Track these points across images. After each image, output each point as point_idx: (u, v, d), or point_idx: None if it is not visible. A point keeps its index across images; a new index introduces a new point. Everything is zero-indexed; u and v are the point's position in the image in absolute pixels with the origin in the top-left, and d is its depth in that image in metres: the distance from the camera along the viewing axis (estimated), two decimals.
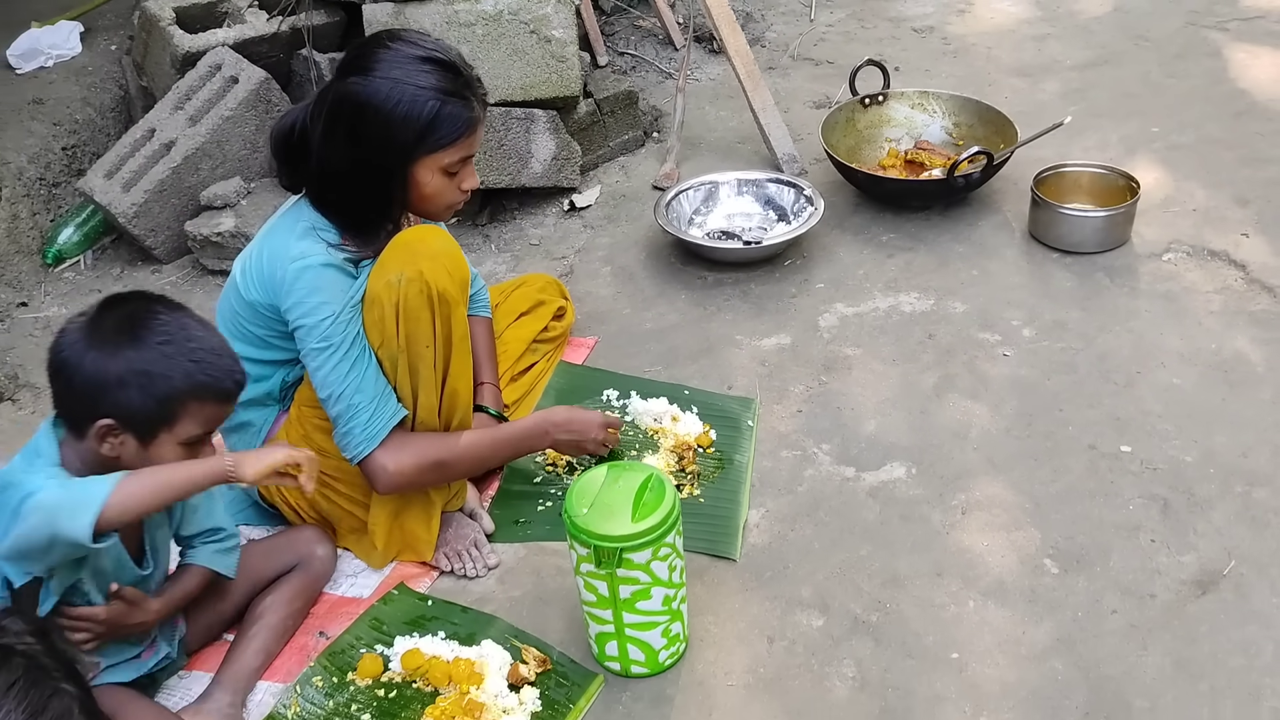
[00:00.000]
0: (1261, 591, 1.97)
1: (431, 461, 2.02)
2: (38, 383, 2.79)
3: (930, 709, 1.82)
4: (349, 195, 1.93)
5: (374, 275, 1.94)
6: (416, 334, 1.95)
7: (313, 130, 1.90)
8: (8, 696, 1.17)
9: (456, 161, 1.94)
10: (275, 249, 1.94)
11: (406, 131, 1.87)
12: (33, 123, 3.36)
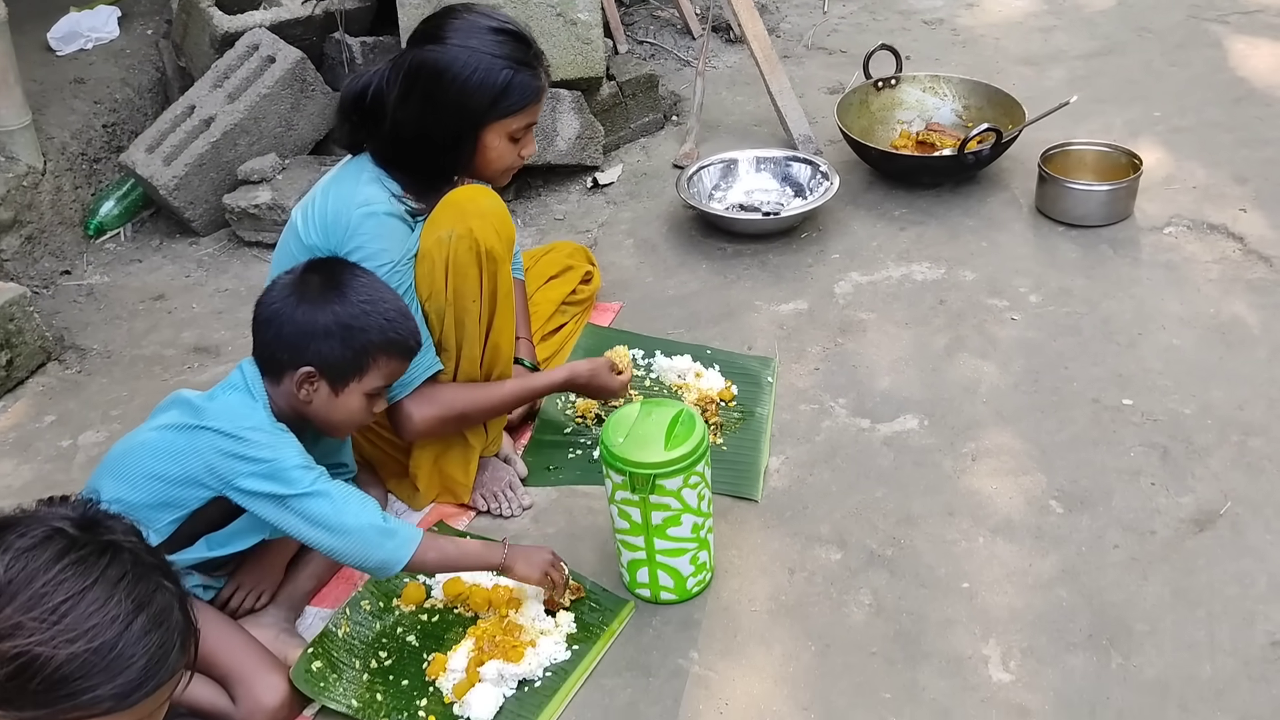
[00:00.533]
0: (1256, 529, 2.08)
1: (456, 414, 2.12)
2: (82, 344, 2.91)
3: (942, 631, 1.93)
4: (419, 155, 2.04)
5: (426, 231, 2.06)
6: (464, 289, 2.07)
7: (388, 93, 2.00)
8: (118, 588, 1.28)
9: (521, 128, 2.07)
10: (341, 195, 2.04)
11: (480, 97, 1.98)
12: (74, 101, 3.49)
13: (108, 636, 1.24)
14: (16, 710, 1.24)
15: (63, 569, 1.25)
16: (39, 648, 1.22)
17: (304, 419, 1.90)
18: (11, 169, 3.15)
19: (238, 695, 1.80)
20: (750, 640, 1.94)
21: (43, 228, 3.21)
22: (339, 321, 1.82)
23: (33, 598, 1.22)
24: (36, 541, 1.26)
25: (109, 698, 1.24)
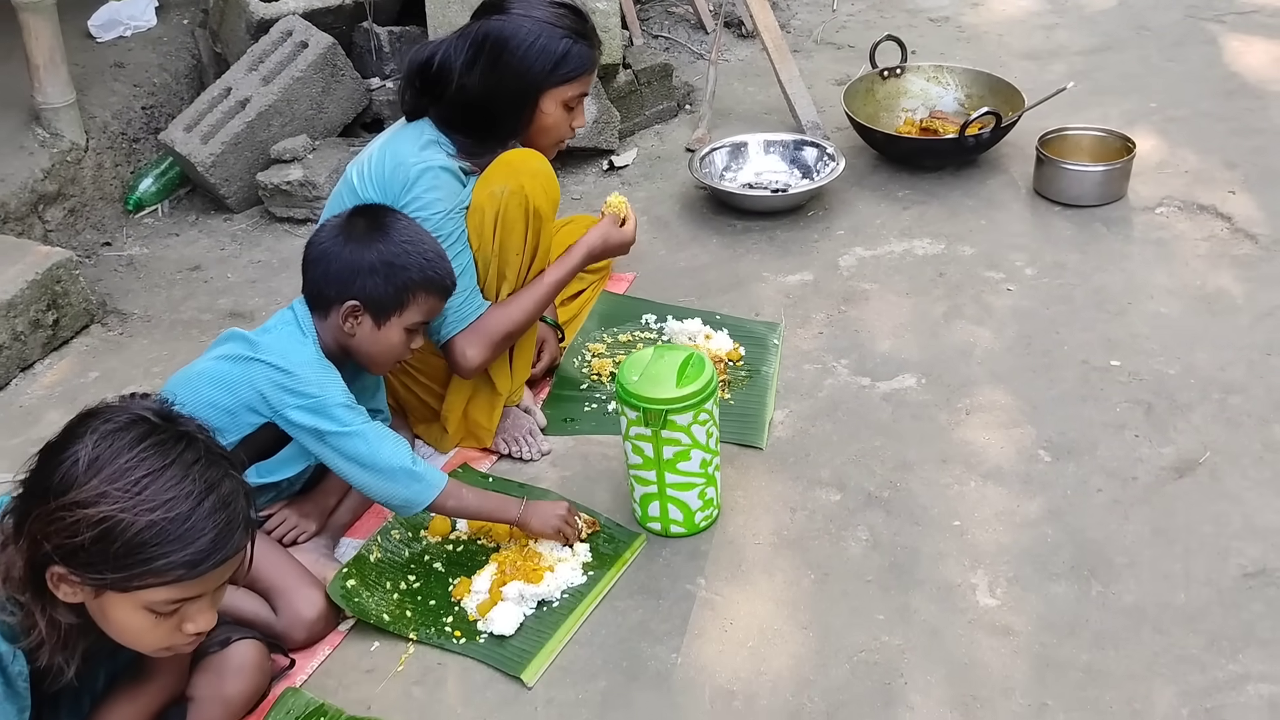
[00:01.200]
0: (1234, 477, 2.21)
1: (502, 335, 2.26)
2: (124, 309, 3.06)
3: (933, 563, 2.06)
4: (481, 118, 2.20)
5: (479, 186, 2.21)
6: (510, 242, 2.22)
7: (455, 60, 2.17)
8: (192, 469, 1.43)
9: (575, 96, 2.24)
10: (398, 154, 2.20)
11: (541, 63, 2.16)
12: (114, 84, 3.65)
13: (182, 509, 1.39)
14: (97, 574, 1.39)
15: (144, 449, 1.40)
16: (122, 514, 1.37)
17: (347, 355, 2.04)
18: (56, 145, 3.31)
19: (279, 607, 1.95)
20: (754, 569, 2.08)
21: (85, 202, 3.37)
22: (382, 259, 1.97)
23: (117, 472, 1.38)
24: (121, 425, 1.41)
25: (180, 565, 1.39)
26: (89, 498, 1.37)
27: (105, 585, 1.42)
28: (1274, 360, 2.50)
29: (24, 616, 1.47)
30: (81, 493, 1.38)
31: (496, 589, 2.01)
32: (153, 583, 1.40)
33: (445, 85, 2.20)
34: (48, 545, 1.40)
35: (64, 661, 1.53)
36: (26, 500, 1.43)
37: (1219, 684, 1.81)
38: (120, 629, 1.49)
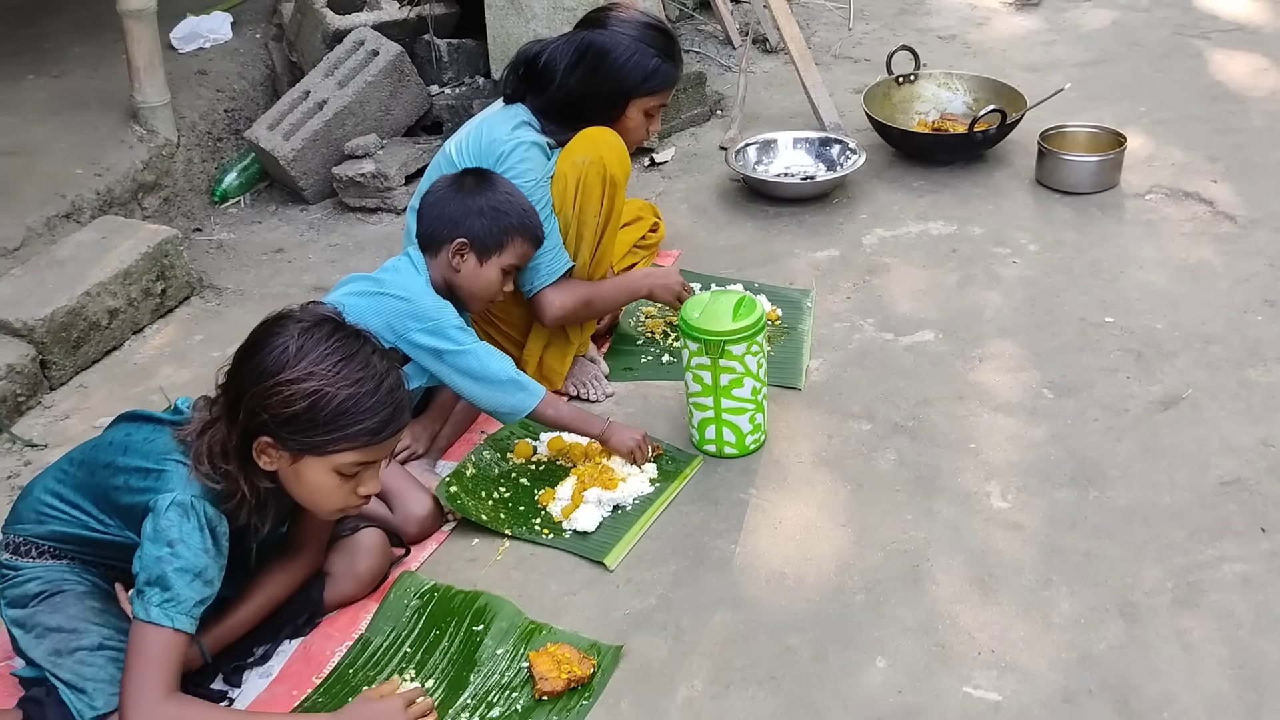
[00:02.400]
0: (1212, 408, 2.54)
1: (583, 299, 2.61)
2: (218, 284, 3.40)
3: (952, 476, 2.39)
4: (573, 113, 2.56)
5: (563, 157, 2.56)
6: (588, 205, 2.56)
7: (559, 61, 2.53)
8: (372, 358, 1.78)
9: (656, 106, 2.62)
10: (494, 131, 2.56)
11: (634, 75, 2.54)
12: (199, 89, 4.02)
13: (369, 387, 1.75)
14: (304, 438, 1.74)
15: (335, 341, 1.76)
16: (327, 388, 1.72)
17: (451, 292, 2.38)
18: (153, 140, 3.67)
19: (395, 506, 2.27)
20: (798, 482, 2.40)
21: (177, 192, 3.72)
22: (489, 204, 2.33)
23: (319, 356, 1.73)
24: (314, 323, 1.77)
25: (368, 431, 1.75)
26: (300, 376, 1.72)
27: (307, 450, 1.77)
28: (1249, 316, 2.84)
29: (227, 485, 1.81)
30: (294, 373, 1.73)
31: (578, 494, 2.34)
32: (345, 447, 1.75)
33: (548, 81, 2.56)
34: (264, 415, 1.74)
35: (258, 522, 1.87)
36: (240, 383, 1.77)
37: (1199, 564, 2.13)
38: (311, 490, 1.82)
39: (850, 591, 2.12)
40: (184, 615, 1.76)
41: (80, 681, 1.81)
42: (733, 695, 1.92)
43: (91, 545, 1.94)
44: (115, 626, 1.89)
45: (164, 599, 1.75)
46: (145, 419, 1.97)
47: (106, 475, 1.89)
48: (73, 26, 4.53)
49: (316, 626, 2.11)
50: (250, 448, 1.80)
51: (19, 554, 1.95)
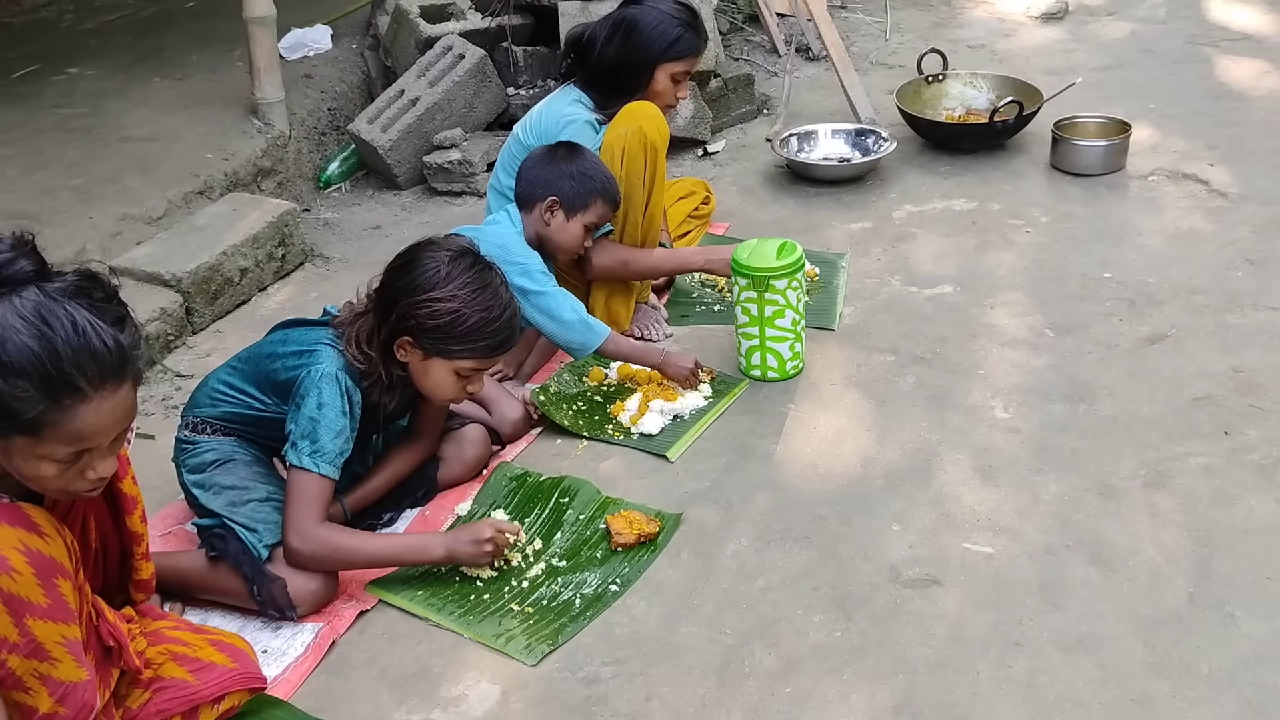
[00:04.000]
0: (1192, 344, 2.94)
1: (621, 260, 3.05)
2: (327, 254, 3.89)
3: (963, 395, 2.80)
4: (611, 79, 3.04)
5: (609, 131, 3.03)
6: (634, 170, 3.02)
7: (599, 35, 3.02)
8: (500, 289, 2.25)
9: (681, 72, 3.07)
10: (553, 110, 3.04)
11: (659, 42, 3.00)
12: (306, 90, 4.55)
13: (496, 313, 2.22)
14: (439, 343, 2.21)
15: (474, 270, 2.23)
16: (465, 309, 2.19)
17: (541, 243, 2.85)
18: (269, 132, 4.19)
19: (493, 410, 2.73)
20: (830, 399, 2.83)
21: (288, 177, 4.24)
22: (578, 170, 2.80)
23: (462, 283, 2.21)
24: (458, 253, 2.25)
25: (488, 348, 2.24)
26: (445, 297, 2.19)
27: (438, 353, 2.24)
28: (1231, 272, 3.23)
29: (368, 366, 2.28)
30: (440, 293, 2.20)
31: (644, 405, 2.78)
32: (468, 355, 2.23)
33: (590, 53, 3.04)
34: (411, 322, 2.22)
35: (386, 401, 2.34)
36: (394, 293, 2.24)
37: (1168, 458, 2.53)
38: (433, 382, 2.29)
39: (872, 478, 2.54)
40: (328, 464, 2.22)
41: (253, 524, 2.27)
42: (772, 550, 2.35)
43: (254, 424, 2.41)
44: (277, 485, 2.36)
45: (312, 450, 2.22)
46: (299, 322, 2.45)
47: (268, 362, 2.37)
48: (187, 38, 5.09)
49: (431, 500, 2.57)
50: (392, 343, 2.27)
51: (197, 431, 2.42)
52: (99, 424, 1.58)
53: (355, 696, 2.07)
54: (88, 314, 1.57)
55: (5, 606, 1.58)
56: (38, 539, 1.62)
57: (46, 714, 1.67)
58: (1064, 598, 2.17)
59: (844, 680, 2.03)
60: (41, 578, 1.61)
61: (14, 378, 1.51)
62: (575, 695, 2.04)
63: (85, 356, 1.55)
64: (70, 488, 1.64)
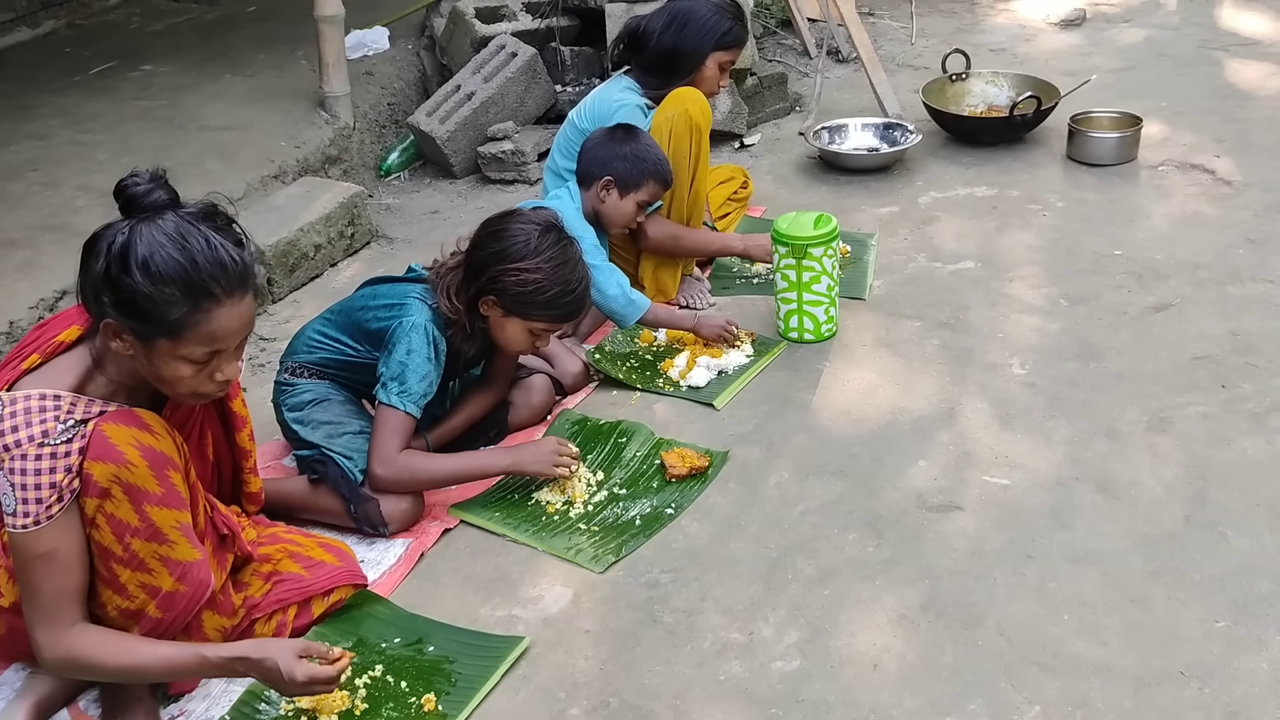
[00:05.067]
0: (1195, 312, 3.19)
1: (672, 235, 3.34)
2: (390, 235, 4.19)
3: (983, 354, 3.07)
4: (666, 66, 3.33)
5: (657, 114, 3.31)
6: (681, 150, 3.30)
7: (655, 26, 3.32)
8: (579, 263, 2.54)
9: (727, 61, 3.37)
10: (606, 95, 3.33)
11: (712, 32, 3.30)
12: (367, 86, 4.86)
13: (572, 285, 2.52)
14: (519, 306, 2.50)
15: (557, 244, 2.52)
16: (545, 280, 2.49)
17: (597, 217, 3.13)
18: (335, 123, 4.50)
19: (555, 364, 3.01)
20: (862, 357, 3.10)
21: (352, 166, 4.55)
22: (632, 152, 3.08)
23: (545, 257, 2.50)
24: (547, 227, 2.53)
25: (561, 315, 2.55)
26: (532, 267, 2.48)
27: (516, 314, 2.52)
28: (1233, 250, 3.49)
29: (454, 317, 2.56)
30: (528, 264, 2.49)
31: (691, 361, 3.06)
32: (542, 319, 2.52)
33: (647, 43, 3.34)
34: (498, 284, 2.50)
35: (466, 350, 2.62)
36: (485, 257, 2.52)
37: (1169, 407, 2.79)
38: (508, 336, 2.58)
39: (900, 424, 2.81)
40: (413, 403, 2.51)
41: (349, 453, 2.56)
42: (810, 481, 2.62)
43: (346, 368, 2.70)
44: (367, 421, 2.65)
45: (400, 390, 2.50)
46: (387, 279, 2.74)
47: (360, 314, 2.66)
48: (251, 39, 5.42)
49: (502, 440, 2.85)
50: (478, 299, 2.55)
51: (295, 375, 2.71)
52: (228, 327, 1.86)
53: (444, 597, 2.35)
54: (215, 234, 1.85)
55: (126, 495, 1.86)
56: (149, 436, 1.90)
57: (170, 592, 1.95)
58: (1072, 520, 2.43)
59: (876, 585, 2.29)
60: (155, 469, 1.89)
61: (162, 285, 1.79)
62: (639, 596, 2.31)
63: (218, 267, 1.83)
64: (201, 389, 1.91)
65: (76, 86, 4.87)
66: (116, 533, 1.87)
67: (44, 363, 1.90)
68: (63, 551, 1.83)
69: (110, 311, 1.80)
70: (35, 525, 1.79)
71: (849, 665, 2.11)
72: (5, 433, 1.79)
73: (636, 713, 2.04)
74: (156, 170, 1.90)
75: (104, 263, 1.78)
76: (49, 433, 1.80)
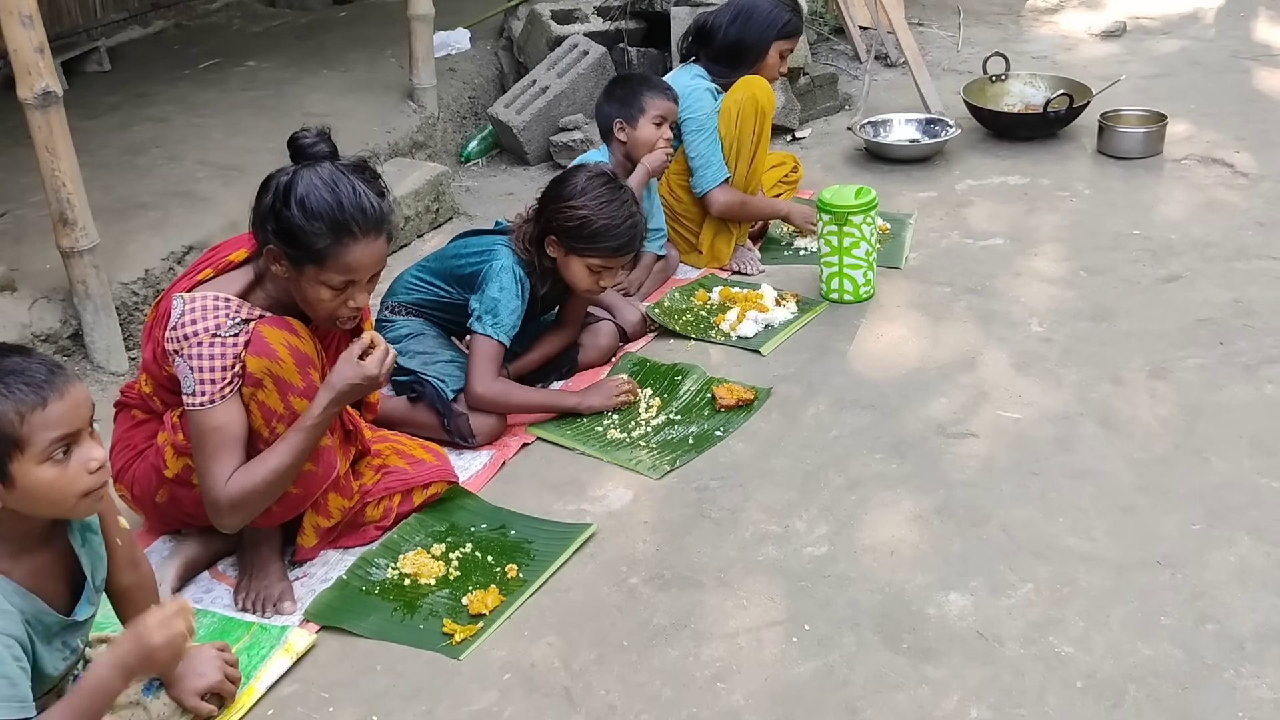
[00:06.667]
0: (1202, 283, 3.51)
1: (739, 201, 3.73)
2: (470, 212, 4.60)
3: (1005, 314, 3.40)
4: (733, 55, 3.72)
5: (727, 97, 3.70)
6: (745, 128, 3.68)
7: (721, 21, 3.71)
8: (628, 203, 2.91)
9: (787, 49, 3.76)
10: (678, 81, 3.72)
11: (774, 24, 3.69)
12: (450, 81, 5.30)
13: (617, 221, 2.88)
14: (573, 241, 2.88)
15: (607, 187, 2.90)
16: (593, 216, 2.86)
17: (632, 161, 3.52)
18: (422, 113, 4.94)
19: (617, 314, 3.39)
20: (894, 316, 3.45)
21: (436, 152, 4.98)
22: (622, 90, 3.55)
23: (593, 195, 2.87)
24: (597, 174, 2.91)
25: (609, 249, 2.89)
26: (578, 205, 2.86)
27: (572, 251, 2.90)
28: (1242, 231, 3.80)
29: (530, 259, 2.95)
30: (575, 202, 2.87)
31: (741, 315, 3.42)
32: (593, 254, 2.89)
33: (715, 35, 3.73)
34: (554, 223, 2.89)
35: (541, 288, 3.00)
36: (545, 202, 2.92)
37: (1170, 359, 3.11)
38: (571, 274, 2.96)
39: (927, 370, 3.15)
40: (504, 333, 2.90)
41: (443, 377, 2.95)
42: (844, 413, 2.97)
43: (439, 308, 3.10)
44: (456, 352, 3.05)
45: (493, 322, 2.90)
46: (476, 232, 3.15)
47: (453, 261, 3.06)
48: (344, 40, 5.89)
49: (572, 376, 3.24)
50: (543, 240, 2.95)
51: (394, 313, 3.12)
52: (362, 260, 2.26)
53: (523, 495, 2.73)
54: (362, 183, 2.26)
55: (275, 386, 2.26)
56: (296, 338, 2.30)
57: (305, 471, 2.34)
58: (1074, 446, 2.76)
59: (896, 493, 2.64)
60: (299, 366, 2.29)
61: (314, 220, 2.19)
62: (690, 497, 2.68)
63: (359, 210, 2.23)
64: (336, 313, 2.31)
65: (187, 79, 5.37)
66: (265, 418, 2.27)
67: (215, 276, 2.31)
68: (232, 426, 2.23)
69: (272, 239, 2.21)
70: (210, 403, 2.20)
71: (869, 551, 2.46)
72: (185, 325, 2.20)
73: (687, 582, 2.40)
74: (322, 127, 2.32)
75: (271, 198, 2.20)
76: (220, 326, 2.20)
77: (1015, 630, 2.21)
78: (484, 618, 2.32)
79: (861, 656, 2.17)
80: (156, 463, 2.35)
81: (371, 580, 2.46)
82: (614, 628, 2.29)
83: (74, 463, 1.74)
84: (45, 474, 1.72)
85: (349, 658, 2.25)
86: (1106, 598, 2.27)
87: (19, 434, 1.68)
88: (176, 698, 2.03)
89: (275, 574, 2.45)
